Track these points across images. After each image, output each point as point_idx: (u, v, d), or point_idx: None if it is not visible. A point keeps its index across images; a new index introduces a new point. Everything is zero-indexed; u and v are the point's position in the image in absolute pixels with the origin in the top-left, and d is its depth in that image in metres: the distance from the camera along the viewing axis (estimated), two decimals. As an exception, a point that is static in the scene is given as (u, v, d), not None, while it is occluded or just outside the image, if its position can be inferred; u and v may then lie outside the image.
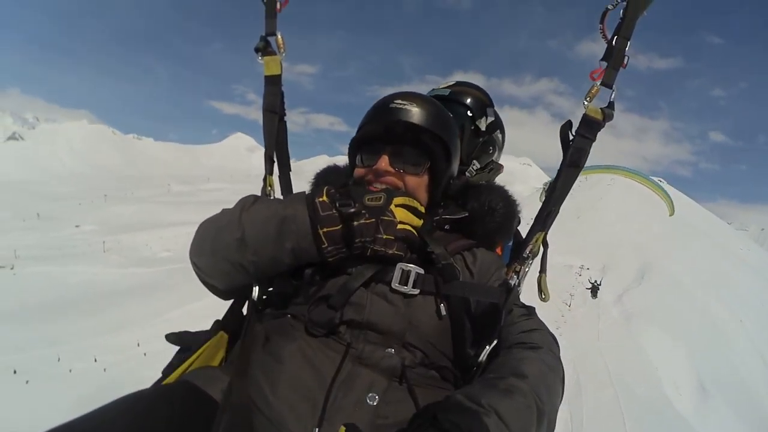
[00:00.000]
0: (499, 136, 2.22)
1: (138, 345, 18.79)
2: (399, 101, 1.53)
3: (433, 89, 2.26)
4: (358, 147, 1.57)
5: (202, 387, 1.16)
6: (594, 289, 37.13)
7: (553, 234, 1.58)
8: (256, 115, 1.74)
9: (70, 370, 17.75)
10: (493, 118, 2.15)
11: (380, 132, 1.50)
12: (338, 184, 1.52)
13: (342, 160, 1.98)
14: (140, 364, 16.63)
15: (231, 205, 1.42)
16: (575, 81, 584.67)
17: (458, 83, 2.27)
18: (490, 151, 2.17)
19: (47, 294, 28.03)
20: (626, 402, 20.46)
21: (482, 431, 0.96)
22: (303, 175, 2.31)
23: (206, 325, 1.48)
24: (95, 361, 18.77)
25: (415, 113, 1.50)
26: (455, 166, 1.63)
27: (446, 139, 1.54)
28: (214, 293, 1.44)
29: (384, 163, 1.47)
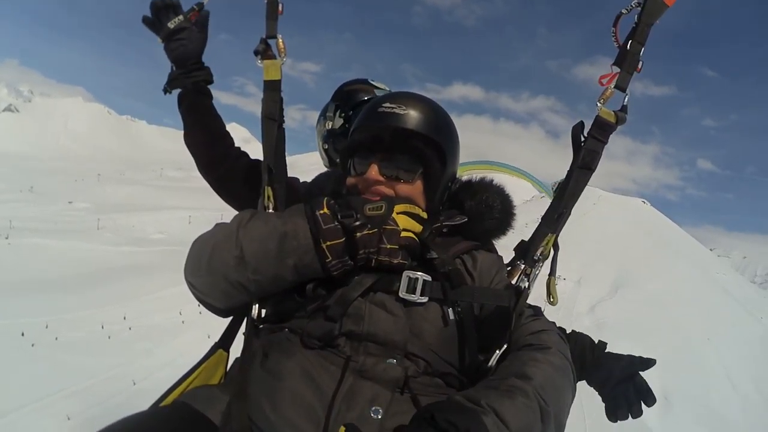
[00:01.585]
0: None
1: (124, 318, 19.85)
2: (387, 105, 1.49)
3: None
4: (349, 154, 1.55)
5: (200, 410, 1.16)
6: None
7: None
8: (253, 107, 1.93)
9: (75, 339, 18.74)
10: None
11: (368, 140, 1.47)
12: (330, 191, 1.58)
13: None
14: (131, 337, 17.73)
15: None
16: (571, 101, 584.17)
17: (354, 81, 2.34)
18: None
19: (42, 266, 28.82)
20: (588, 403, 21.26)
21: (480, 430, 0.96)
22: (298, 168, 2.30)
23: (195, 306, 1.40)
24: (91, 331, 19.81)
25: (405, 117, 1.46)
26: (454, 169, 1.61)
27: (440, 142, 1.50)
28: (212, 312, 1.42)
29: (374, 172, 1.44)
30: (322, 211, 1.27)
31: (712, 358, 33.53)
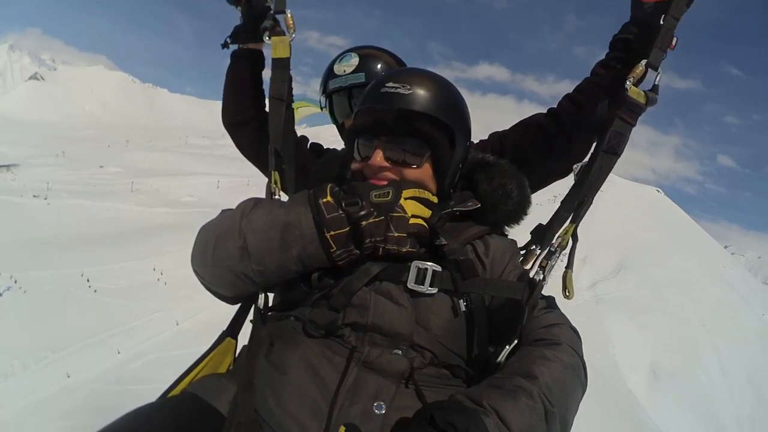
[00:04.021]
0: None
1: (160, 271, 21.49)
2: (391, 84, 1.39)
3: (336, 68, 2.17)
4: (353, 137, 1.47)
5: (208, 400, 1.16)
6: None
7: (542, 222, 1.52)
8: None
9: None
10: None
11: (372, 123, 1.40)
12: (336, 175, 1.55)
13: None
14: (172, 285, 19.53)
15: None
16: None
17: (364, 47, 2.22)
18: None
19: (82, 224, 30.60)
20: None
21: (479, 431, 0.95)
22: (317, 138, 2.37)
23: None
24: (134, 280, 21.54)
25: (410, 97, 1.36)
26: (464, 150, 1.51)
27: (448, 122, 1.40)
28: (221, 299, 1.41)
29: (378, 158, 1.37)
30: (325, 200, 1.23)
31: (705, 343, 34.65)
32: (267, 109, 1.81)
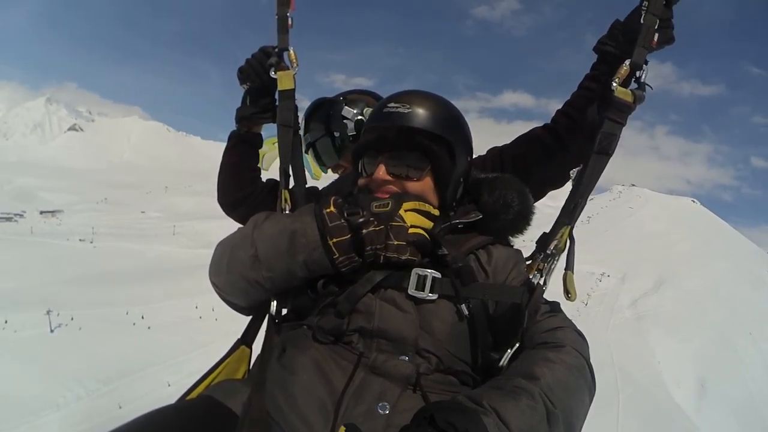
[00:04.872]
0: None
1: (203, 309, 22.05)
2: (393, 104, 1.46)
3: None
4: (359, 155, 1.55)
5: (222, 401, 1.19)
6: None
7: (581, 246, 1.51)
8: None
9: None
10: None
11: (375, 140, 1.47)
12: (344, 193, 1.54)
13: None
14: (217, 321, 20.19)
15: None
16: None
17: (350, 92, 2.30)
18: None
19: (126, 265, 31.73)
20: (623, 382, 23.08)
21: (479, 430, 0.95)
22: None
23: None
24: (180, 317, 22.30)
25: (409, 115, 1.43)
26: (465, 163, 1.55)
27: (446, 137, 1.45)
28: (235, 310, 1.47)
29: (381, 172, 1.43)
30: (328, 210, 1.29)
31: (752, 352, 33.52)
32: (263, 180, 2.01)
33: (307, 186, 1.68)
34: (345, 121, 2.13)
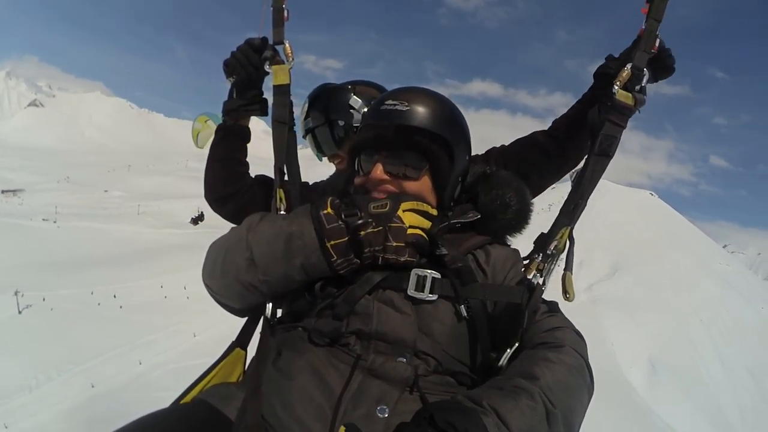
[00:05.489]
0: None
1: (172, 288, 22.15)
2: (390, 102, 1.44)
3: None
4: (355, 153, 1.53)
5: (217, 406, 1.19)
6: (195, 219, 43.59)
7: (539, 232, 1.50)
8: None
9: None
10: None
11: (372, 138, 1.45)
12: (340, 192, 1.55)
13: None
14: (187, 300, 20.40)
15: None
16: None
17: (357, 82, 2.26)
18: None
19: (93, 246, 31.28)
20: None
21: (479, 430, 0.95)
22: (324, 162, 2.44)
23: None
24: (150, 297, 22.33)
25: (407, 113, 1.41)
26: (464, 162, 1.54)
27: (446, 136, 1.44)
28: (230, 312, 1.44)
29: (378, 171, 1.42)
30: (325, 211, 1.26)
31: (703, 337, 35.20)
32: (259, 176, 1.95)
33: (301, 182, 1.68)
34: (351, 110, 2.12)
